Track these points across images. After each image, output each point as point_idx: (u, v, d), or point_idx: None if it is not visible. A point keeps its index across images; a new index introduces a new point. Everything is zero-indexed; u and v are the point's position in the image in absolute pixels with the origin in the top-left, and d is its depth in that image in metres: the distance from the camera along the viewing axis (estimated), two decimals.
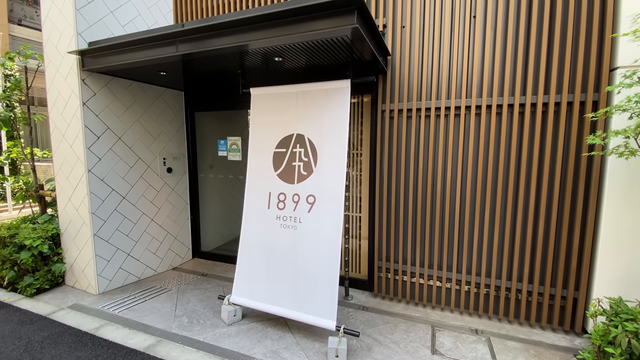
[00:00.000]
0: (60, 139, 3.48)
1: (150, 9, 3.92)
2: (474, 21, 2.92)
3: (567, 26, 2.64)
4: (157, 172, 4.06)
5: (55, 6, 3.31)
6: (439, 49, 3.04)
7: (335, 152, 2.68)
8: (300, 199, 2.76)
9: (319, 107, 2.79)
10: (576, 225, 2.72)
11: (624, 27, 2.43)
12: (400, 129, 3.24)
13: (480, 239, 3.05)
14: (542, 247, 2.84)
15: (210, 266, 4.44)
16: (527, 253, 2.88)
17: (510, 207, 2.92)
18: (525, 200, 2.88)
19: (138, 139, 3.82)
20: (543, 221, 2.82)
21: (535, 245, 2.87)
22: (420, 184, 3.20)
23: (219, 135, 4.45)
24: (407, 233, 3.29)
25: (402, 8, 3.13)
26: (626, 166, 2.52)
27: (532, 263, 2.90)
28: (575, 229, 2.72)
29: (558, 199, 2.77)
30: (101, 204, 3.45)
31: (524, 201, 2.89)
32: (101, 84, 3.41)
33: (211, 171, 4.78)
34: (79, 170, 3.35)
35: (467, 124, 3.01)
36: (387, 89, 3.24)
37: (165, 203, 4.20)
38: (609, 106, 2.43)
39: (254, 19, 2.25)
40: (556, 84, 2.71)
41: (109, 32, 3.45)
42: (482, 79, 2.93)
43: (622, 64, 2.50)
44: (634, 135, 2.12)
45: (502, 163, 2.91)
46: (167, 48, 2.68)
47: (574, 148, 2.69)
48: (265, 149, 3.01)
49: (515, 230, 2.92)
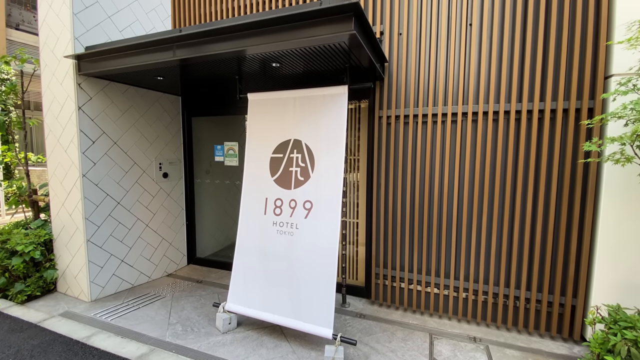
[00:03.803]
0: (55, 144, 3.44)
1: (148, 14, 3.93)
2: (470, 29, 2.95)
3: (562, 34, 2.67)
4: (152, 177, 4.03)
5: (52, 10, 3.30)
6: (435, 55, 3.06)
7: (332, 157, 2.67)
8: (297, 205, 2.74)
9: (317, 112, 2.78)
10: (573, 232, 2.71)
11: (618, 35, 2.45)
12: (397, 135, 3.25)
13: (478, 245, 3.03)
14: (539, 254, 2.83)
15: (205, 273, 4.38)
16: (525, 260, 2.87)
17: (508, 214, 2.92)
18: (523, 207, 2.88)
19: (134, 144, 3.79)
20: (540, 228, 2.81)
21: (533, 251, 2.86)
22: (418, 190, 3.19)
23: (216, 140, 4.43)
24: (405, 239, 3.27)
25: (399, 15, 3.16)
26: (622, 173, 2.52)
27: (529, 270, 2.88)
28: (572, 235, 2.72)
29: (555, 206, 2.77)
30: (95, 209, 3.41)
31: (521, 208, 2.88)
32: (97, 89, 3.39)
33: (207, 176, 4.75)
34: (73, 175, 3.31)
35: (464, 131, 3.02)
36: (385, 95, 3.25)
37: (160, 209, 4.16)
38: (604, 113, 2.45)
39: (252, 24, 2.25)
40: (552, 91, 2.73)
41: (106, 37, 3.44)
42: (478, 86, 2.95)
43: (616, 72, 2.52)
44: (630, 142, 2.12)
45: (499, 169, 2.91)
46: (165, 53, 2.68)
47: (570, 155, 2.70)
48: (262, 154, 3.00)
49: (513, 236, 2.91)
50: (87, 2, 3.27)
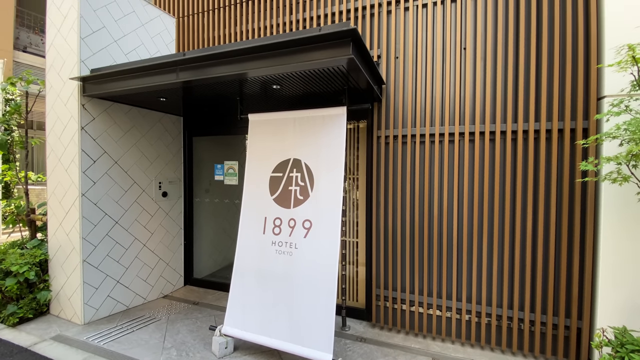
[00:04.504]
0: (56, 163, 3.46)
1: (153, 38, 4.06)
2: (464, 52, 3.04)
3: (554, 58, 2.76)
4: (152, 196, 4.03)
5: (60, 34, 3.42)
6: (431, 78, 3.15)
7: (331, 176, 2.68)
8: (297, 224, 2.73)
9: (316, 132, 2.82)
10: (575, 251, 2.69)
11: (609, 58, 2.53)
12: (395, 155, 3.28)
13: (480, 265, 3.00)
14: (542, 274, 2.79)
15: (202, 294, 4.29)
16: (527, 280, 2.83)
17: (508, 233, 2.90)
18: (523, 227, 2.87)
19: (134, 163, 3.81)
20: (541, 248, 2.79)
21: (535, 272, 2.82)
22: (418, 209, 3.18)
23: (216, 159, 4.46)
24: (406, 259, 3.23)
25: (396, 40, 3.27)
26: (620, 192, 2.53)
27: (532, 291, 2.84)
28: (574, 255, 2.69)
29: (555, 225, 2.76)
30: (93, 228, 3.38)
31: (522, 227, 2.87)
32: (101, 109, 3.45)
33: (207, 195, 4.74)
34: (73, 194, 3.31)
35: (462, 150, 3.05)
36: (382, 116, 3.31)
37: (158, 228, 4.13)
38: (599, 133, 2.49)
39: (254, 49, 2.32)
40: (546, 112, 2.79)
41: (111, 60, 3.54)
42: (474, 107, 3.01)
43: (609, 93, 2.59)
44: (626, 162, 2.15)
45: (497, 188, 2.92)
46: (168, 75, 2.75)
47: (567, 174, 2.72)
48: (262, 173, 3.02)
49: (514, 256, 2.88)
50: (94, 27, 3.38)
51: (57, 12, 3.44)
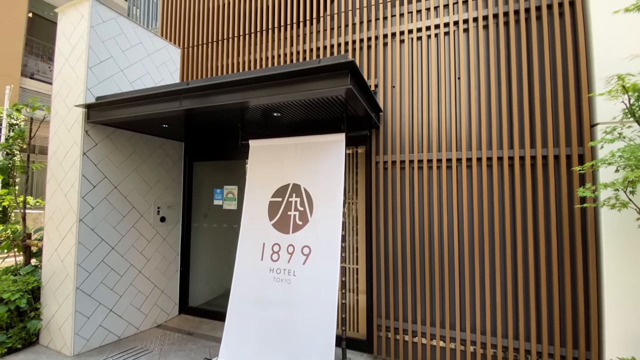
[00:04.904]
0: (56, 188, 3.47)
1: (158, 67, 4.20)
2: (458, 82, 3.15)
3: (545, 87, 2.86)
4: (150, 221, 4.00)
5: (68, 64, 3.53)
6: (427, 106, 3.23)
7: (331, 201, 2.68)
8: (295, 250, 2.69)
9: (315, 158, 2.86)
10: (579, 280, 2.64)
11: (599, 87, 2.61)
12: (394, 180, 3.30)
13: (482, 294, 2.93)
14: (547, 303, 2.73)
15: (197, 324, 4.14)
16: (532, 309, 2.76)
17: (510, 261, 2.87)
18: (524, 253, 2.84)
19: (134, 188, 3.82)
20: (545, 275, 2.75)
21: (540, 301, 2.75)
22: (418, 234, 3.16)
23: (216, 184, 4.48)
24: (407, 287, 3.16)
25: (392, 70, 3.39)
26: (620, 218, 2.53)
27: (538, 320, 2.76)
28: (578, 283, 2.64)
29: (557, 252, 2.73)
30: (88, 254, 3.33)
31: (523, 254, 2.84)
32: (103, 135, 3.51)
33: (205, 220, 4.71)
34: (70, 219, 3.29)
35: (460, 176, 3.07)
36: (381, 142, 3.37)
37: (155, 254, 4.06)
38: (594, 159, 2.53)
39: (256, 79, 2.40)
40: (541, 139, 2.84)
41: (117, 88, 3.64)
42: (470, 133, 3.07)
43: (601, 120, 2.65)
44: (623, 188, 2.16)
45: (497, 215, 2.92)
46: (172, 103, 2.82)
47: (566, 200, 2.73)
48: (261, 198, 3.02)
49: (517, 284, 2.82)
50: (101, 57, 3.51)
51: (67, 43, 3.58)
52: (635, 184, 2.11)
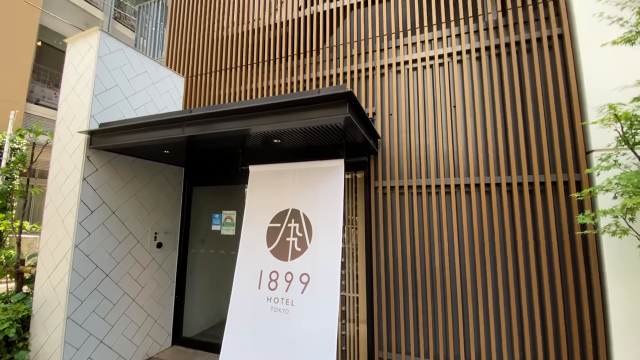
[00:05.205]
0: (53, 213, 3.44)
1: (162, 95, 4.31)
2: (454, 110, 3.23)
3: (539, 115, 2.93)
4: (146, 247, 3.94)
5: (74, 92, 3.62)
6: (424, 132, 3.29)
7: (330, 227, 2.66)
8: (294, 278, 2.64)
9: (315, 184, 2.87)
10: (584, 309, 2.58)
11: (592, 115, 2.67)
12: (393, 205, 3.30)
13: (487, 323, 2.84)
14: (553, 332, 2.64)
15: (190, 356, 3.97)
16: (539, 341, 2.66)
17: (514, 287, 2.81)
18: (527, 281, 2.79)
19: (132, 213, 3.80)
20: (549, 304, 2.68)
21: (546, 329, 2.67)
22: (419, 260, 3.11)
23: (215, 209, 4.46)
24: (409, 317, 3.07)
25: (389, 98, 3.49)
26: (621, 245, 2.51)
27: (545, 351, 2.66)
28: (584, 312, 2.58)
29: (561, 279, 2.69)
30: (82, 282, 3.24)
31: (526, 282, 2.79)
32: (105, 161, 3.54)
33: (202, 246, 4.64)
34: (66, 245, 3.24)
35: (459, 202, 3.08)
36: (379, 167, 3.40)
37: (150, 281, 3.96)
38: (592, 186, 2.55)
39: (258, 108, 2.46)
40: (538, 165, 2.88)
41: (120, 114, 3.71)
42: (467, 160, 3.11)
43: (596, 147, 2.70)
44: (622, 215, 2.16)
45: (497, 241, 2.89)
46: (174, 130, 2.87)
47: (566, 226, 2.72)
48: (260, 223, 3.00)
49: (522, 313, 2.75)
50: (107, 85, 3.61)
51: (74, 71, 3.69)
52: (634, 211, 2.12)
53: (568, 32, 2.93)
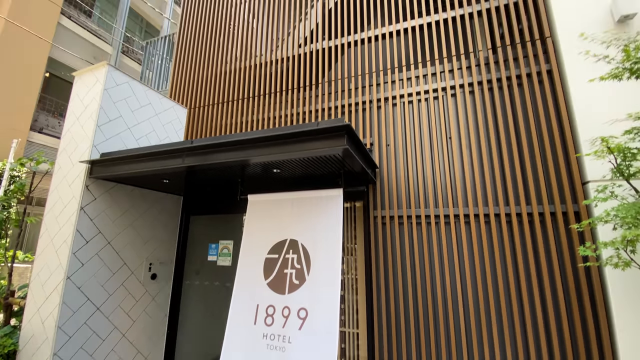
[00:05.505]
0: (48, 243, 3.39)
1: (164, 126, 4.40)
2: (450, 141, 3.30)
3: (534, 147, 2.99)
4: (140, 278, 3.84)
5: (78, 122, 3.70)
6: (421, 163, 3.34)
7: (329, 258, 2.62)
8: (291, 313, 2.55)
9: (313, 213, 2.86)
10: (592, 343, 2.48)
11: (585, 147, 2.71)
12: (393, 235, 3.27)
13: (492, 359, 2.72)
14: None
15: None
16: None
17: (518, 320, 2.71)
18: (532, 314, 2.70)
19: (128, 243, 3.74)
20: (556, 336, 2.58)
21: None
22: (420, 293, 3.03)
23: (212, 238, 4.39)
24: (412, 354, 2.93)
25: (386, 130, 3.57)
26: (625, 277, 2.47)
27: None
28: (591, 343, 2.48)
29: (566, 311, 2.61)
30: (71, 316, 3.13)
31: (531, 314, 2.70)
32: (103, 190, 3.54)
33: (197, 277, 4.52)
34: (58, 276, 3.15)
35: (459, 232, 3.06)
36: (378, 197, 3.40)
37: (142, 315, 3.82)
38: (590, 216, 2.55)
39: (258, 139, 2.51)
40: (535, 196, 2.89)
41: (122, 144, 3.77)
42: (465, 190, 3.12)
43: (592, 178, 2.72)
44: (623, 247, 2.14)
45: (500, 272, 2.84)
46: (175, 160, 2.90)
47: (568, 257, 2.69)
48: (257, 254, 2.95)
49: (529, 347, 2.64)
50: (111, 116, 3.69)
51: (80, 103, 3.79)
52: (634, 243, 2.10)
53: (556, 68, 3.06)
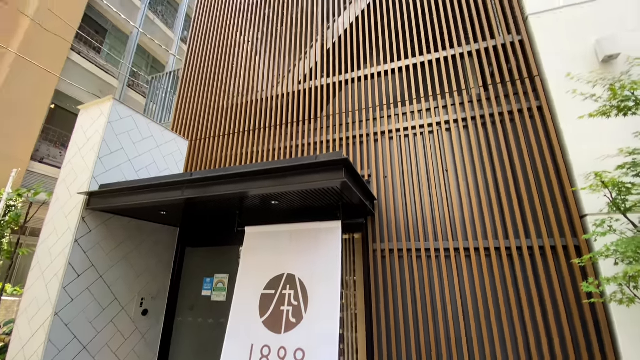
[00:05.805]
0: (38, 277, 3.29)
1: (165, 157, 4.45)
2: (447, 174, 3.34)
3: (529, 180, 3.03)
4: (130, 315, 3.68)
5: (80, 154, 3.74)
6: (419, 195, 3.36)
7: (327, 295, 2.55)
8: (287, 355, 2.43)
9: (311, 246, 2.82)
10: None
11: (580, 181, 2.74)
12: (393, 269, 3.20)
13: None
14: None
15: None
16: None
17: (524, 356, 2.59)
18: (539, 348, 2.59)
19: (120, 277, 3.63)
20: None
21: None
22: (422, 330, 2.91)
23: (207, 272, 4.28)
24: None
25: (384, 162, 3.63)
26: (632, 312, 2.39)
27: None
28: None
29: (573, 347, 2.51)
30: (56, 355, 2.96)
31: (537, 348, 2.59)
32: (99, 222, 3.50)
33: (190, 314, 4.34)
34: (46, 312, 3.03)
35: (459, 266, 3.00)
36: (377, 230, 3.38)
37: (130, 355, 3.62)
38: (591, 249, 2.53)
39: (258, 172, 2.53)
40: (534, 230, 2.88)
41: (122, 175, 3.78)
42: (464, 223, 3.12)
43: (589, 212, 2.73)
44: (625, 283, 2.11)
45: (503, 307, 2.76)
46: (174, 192, 2.90)
47: (571, 291, 2.63)
48: (253, 290, 2.87)
49: None
50: (113, 148, 3.74)
51: (83, 135, 3.85)
52: (636, 279, 2.07)
53: (546, 104, 3.18)
